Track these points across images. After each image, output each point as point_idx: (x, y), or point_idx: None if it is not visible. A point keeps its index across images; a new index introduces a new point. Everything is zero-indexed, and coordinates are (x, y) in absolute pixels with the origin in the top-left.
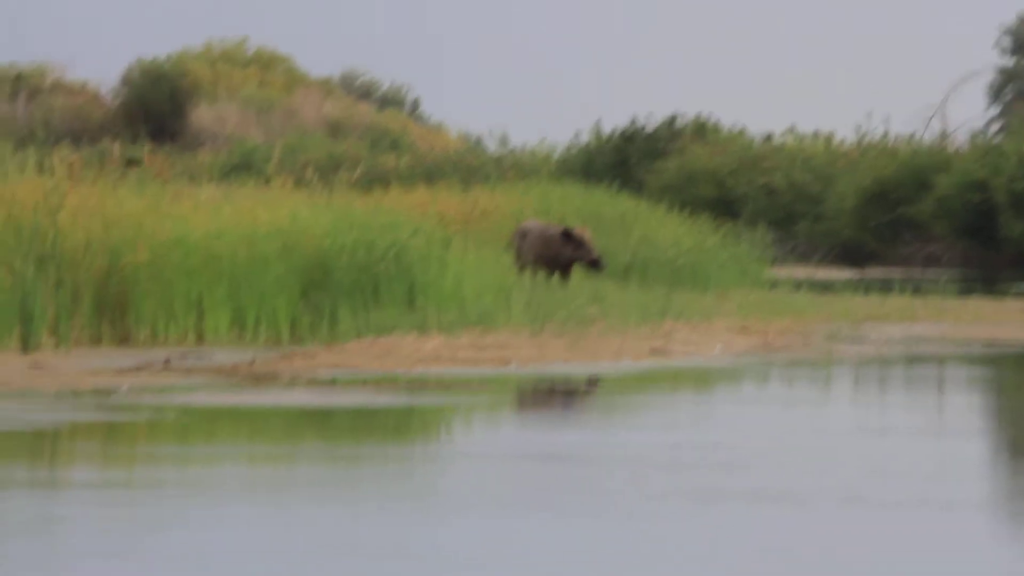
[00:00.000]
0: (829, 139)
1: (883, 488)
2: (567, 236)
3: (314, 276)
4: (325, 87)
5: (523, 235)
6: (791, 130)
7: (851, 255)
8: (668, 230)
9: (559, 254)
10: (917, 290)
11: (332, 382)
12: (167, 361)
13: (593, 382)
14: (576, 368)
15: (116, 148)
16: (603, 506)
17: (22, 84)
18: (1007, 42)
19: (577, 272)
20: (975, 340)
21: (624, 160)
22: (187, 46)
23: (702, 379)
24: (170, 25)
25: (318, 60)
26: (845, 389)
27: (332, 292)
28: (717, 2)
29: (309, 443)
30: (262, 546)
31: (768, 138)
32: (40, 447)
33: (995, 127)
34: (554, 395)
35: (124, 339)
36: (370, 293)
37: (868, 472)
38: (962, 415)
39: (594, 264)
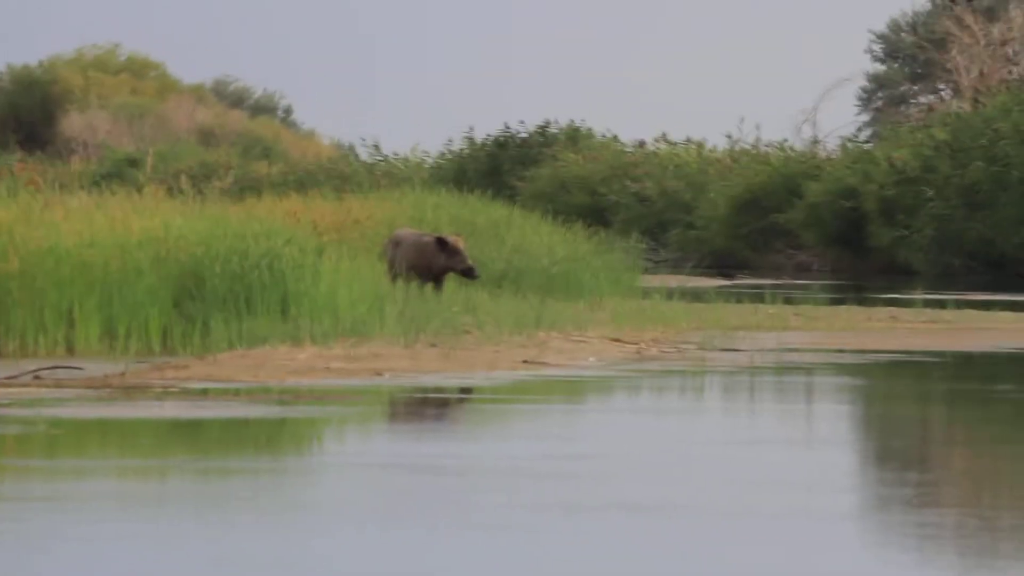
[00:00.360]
0: (701, 146)
1: (754, 499)
2: (441, 244)
3: (187, 285)
4: (197, 94)
5: (396, 243)
6: (663, 137)
7: (722, 263)
8: (542, 238)
9: (433, 263)
10: (789, 299)
11: (204, 394)
12: (36, 373)
13: (466, 393)
14: (450, 379)
15: None
16: (474, 518)
17: None
18: (878, 48)
19: (450, 281)
20: (846, 349)
21: (497, 167)
22: (58, 52)
23: (575, 390)
24: (41, 31)
25: (190, 67)
26: (718, 399)
27: (205, 302)
28: (588, 9)
29: (180, 456)
30: (135, 563)
31: (640, 145)
32: None
33: (866, 134)
34: (427, 406)
35: None
36: (243, 303)
37: (740, 483)
38: (833, 425)
39: (468, 273)
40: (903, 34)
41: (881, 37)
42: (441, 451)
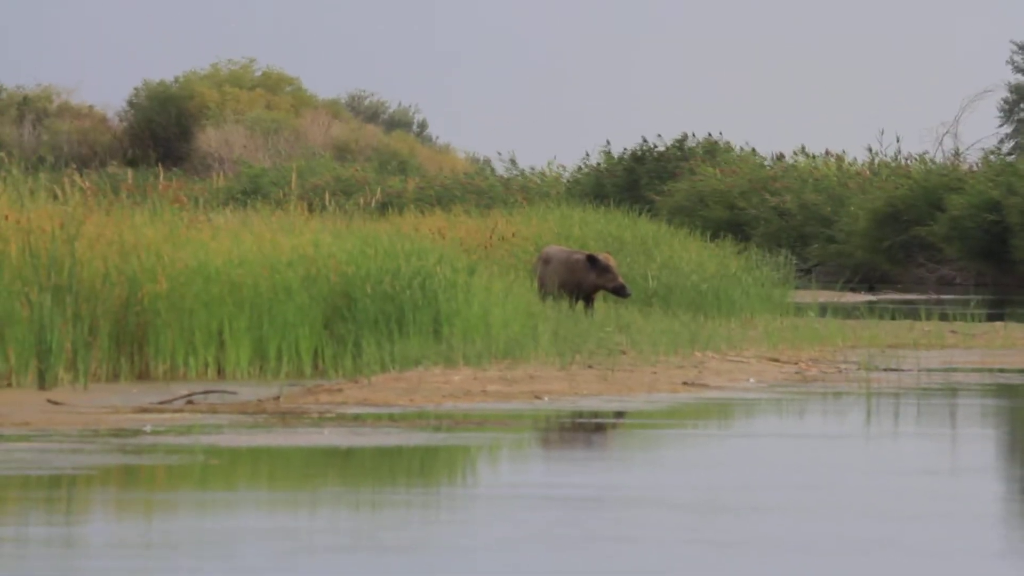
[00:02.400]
0: (840, 159)
1: (922, 534)
2: (592, 262)
3: (337, 306)
4: (332, 109)
5: (546, 261)
6: (802, 150)
7: (864, 277)
8: (690, 255)
9: (584, 280)
10: (943, 315)
11: (361, 420)
12: (190, 398)
13: (628, 417)
14: (610, 403)
15: (129, 174)
16: (637, 553)
17: (28, 107)
18: (1020, 59)
19: (599, 299)
20: (1010, 368)
21: (634, 182)
22: (193, 68)
23: (740, 413)
24: (176, 47)
25: (325, 81)
26: (889, 424)
27: (356, 322)
28: (726, 21)
29: (335, 488)
30: None
31: (779, 158)
32: (59, 495)
33: (1008, 146)
34: (589, 432)
35: (143, 373)
36: (395, 323)
37: (913, 517)
38: (1010, 452)
39: (619, 291)
40: None
41: (1023, 48)
42: (610, 481)
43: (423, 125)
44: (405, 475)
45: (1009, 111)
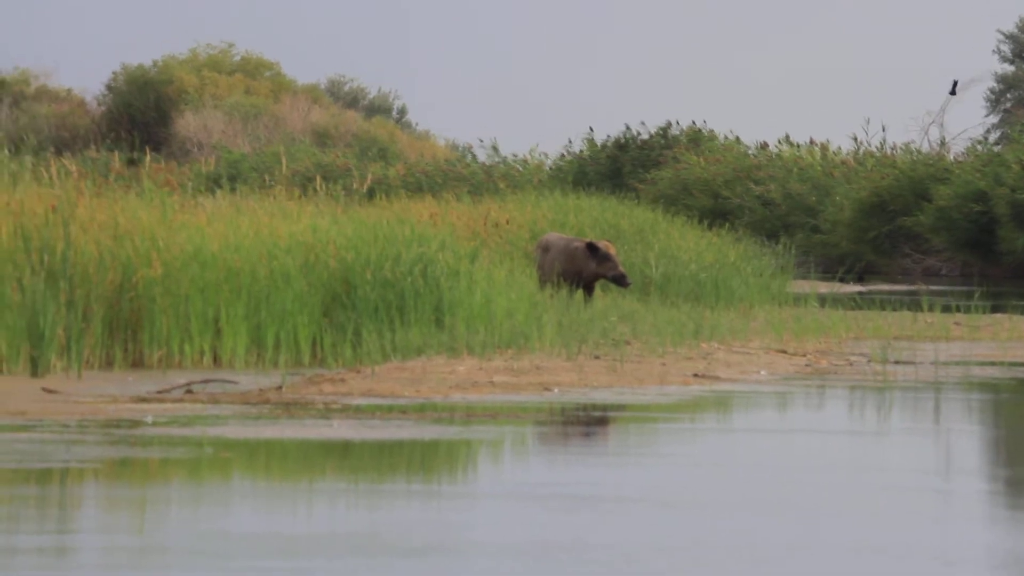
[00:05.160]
0: (825, 148)
1: (950, 540)
2: (592, 250)
3: (337, 293)
4: (312, 94)
5: (545, 248)
6: (786, 139)
7: (849, 268)
8: (687, 243)
9: (584, 269)
10: (946, 306)
11: (368, 411)
12: (189, 387)
13: (644, 411)
14: (622, 395)
15: (115, 157)
16: (639, 558)
17: (5, 91)
18: (1006, 48)
19: (597, 287)
20: (1022, 362)
21: (617, 169)
22: (172, 52)
23: (757, 406)
24: (156, 31)
25: (305, 67)
26: (917, 418)
27: (356, 310)
28: (712, 8)
29: (362, 482)
30: None
31: (763, 147)
32: (50, 493)
33: (995, 135)
34: (606, 426)
35: (137, 361)
36: (395, 311)
37: (947, 521)
38: None
39: (619, 280)
40: None
41: (1010, 37)
42: (644, 480)
43: (403, 111)
44: (425, 470)
45: (996, 101)
